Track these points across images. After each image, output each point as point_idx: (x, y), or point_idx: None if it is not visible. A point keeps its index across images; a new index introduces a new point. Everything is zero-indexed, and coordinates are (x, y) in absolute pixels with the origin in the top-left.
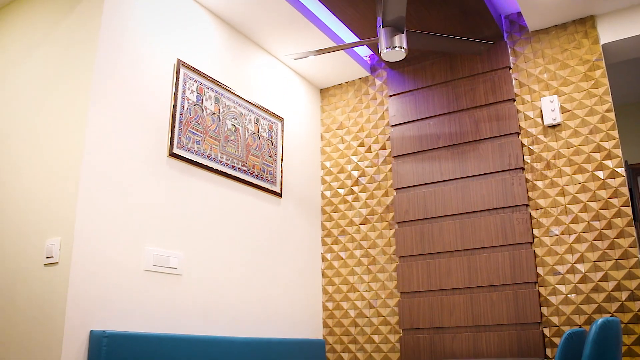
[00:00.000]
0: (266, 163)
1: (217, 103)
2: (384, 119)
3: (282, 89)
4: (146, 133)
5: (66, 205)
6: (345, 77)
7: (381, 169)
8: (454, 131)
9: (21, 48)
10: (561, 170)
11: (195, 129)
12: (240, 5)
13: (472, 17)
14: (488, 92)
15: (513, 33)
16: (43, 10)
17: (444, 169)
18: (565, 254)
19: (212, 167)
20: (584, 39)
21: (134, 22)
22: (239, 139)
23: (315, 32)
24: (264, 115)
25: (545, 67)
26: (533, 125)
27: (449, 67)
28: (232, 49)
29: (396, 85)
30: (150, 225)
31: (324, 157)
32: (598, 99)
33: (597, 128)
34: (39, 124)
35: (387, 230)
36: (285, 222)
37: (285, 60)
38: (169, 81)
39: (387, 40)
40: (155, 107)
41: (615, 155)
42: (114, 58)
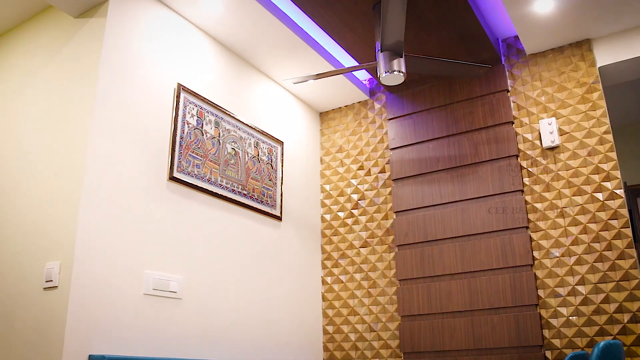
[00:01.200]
0: (266, 186)
1: (217, 127)
2: (384, 142)
3: (282, 113)
4: (146, 157)
5: (66, 229)
6: (344, 100)
7: (381, 192)
8: (453, 154)
9: (23, 72)
10: (560, 192)
11: (196, 153)
12: (240, 30)
13: (470, 41)
14: (487, 115)
15: (510, 56)
16: (45, 36)
17: (443, 191)
18: (566, 276)
19: (212, 191)
20: (580, 61)
21: (136, 46)
22: (238, 162)
23: (315, 56)
24: (263, 139)
25: (543, 89)
26: (531, 148)
27: (447, 90)
28: (232, 73)
29: (395, 109)
30: (150, 249)
31: (323, 180)
32: (596, 121)
33: (595, 150)
34: (40, 147)
35: (387, 253)
36: (285, 245)
37: (284, 84)
38: (170, 105)
39: (385, 64)
40: (156, 131)
41: (614, 177)
42: (115, 82)
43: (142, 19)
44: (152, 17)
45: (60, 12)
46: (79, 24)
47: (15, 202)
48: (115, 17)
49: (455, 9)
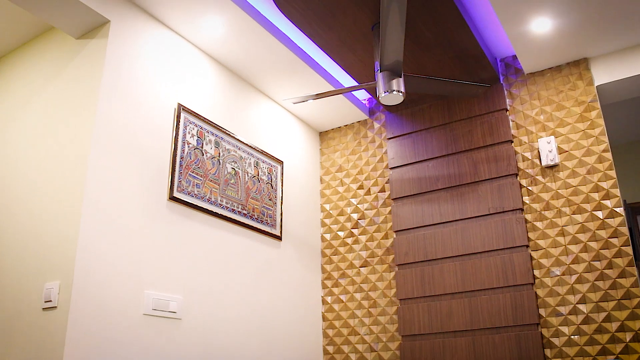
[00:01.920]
0: (266, 206)
1: (217, 147)
2: (383, 162)
3: (282, 133)
4: (146, 177)
5: (66, 249)
6: (344, 120)
7: (381, 212)
8: (452, 173)
9: (24, 92)
10: (560, 210)
11: (196, 173)
12: (240, 50)
13: (468, 61)
14: (486, 134)
15: (509, 75)
16: (47, 56)
17: (443, 210)
18: (567, 295)
19: (212, 211)
20: (578, 80)
21: (137, 67)
22: (238, 182)
23: (314, 76)
24: (263, 159)
25: (541, 108)
26: (531, 166)
27: (446, 109)
28: (232, 94)
29: (395, 128)
30: (150, 269)
31: (323, 199)
32: (594, 140)
33: (594, 168)
34: (40, 167)
35: (387, 272)
36: (285, 265)
37: (284, 104)
38: (170, 125)
39: (385, 84)
40: (156, 151)
41: (614, 195)
42: (116, 102)
43: (143, 39)
44: (153, 38)
45: (62, 33)
46: (81, 44)
47: (15, 222)
48: (116, 38)
49: (454, 29)
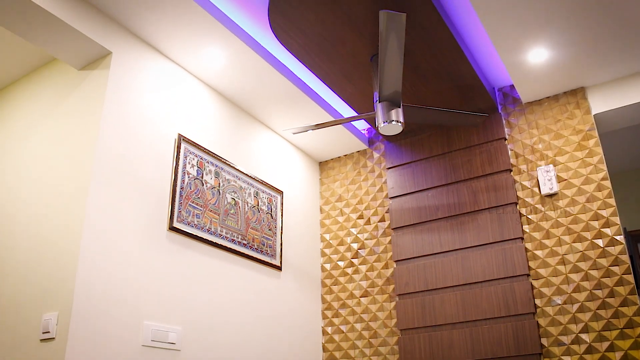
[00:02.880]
0: (266, 236)
1: (217, 177)
2: (383, 191)
3: (282, 163)
4: (146, 207)
5: (65, 279)
6: (343, 150)
7: (380, 241)
8: (452, 202)
9: (26, 122)
10: (560, 239)
11: (196, 203)
12: (240, 81)
13: (466, 91)
14: (485, 163)
15: (507, 105)
16: (49, 87)
17: (443, 240)
18: (569, 324)
19: (212, 241)
20: (575, 109)
21: (138, 97)
22: (238, 212)
23: (314, 106)
24: (263, 189)
25: (539, 137)
26: (530, 195)
27: (445, 139)
28: (232, 124)
29: (394, 158)
30: (149, 300)
31: (323, 229)
32: (593, 168)
33: (594, 196)
34: (40, 196)
35: (387, 302)
36: (285, 295)
37: (284, 134)
38: (170, 156)
39: (384, 114)
40: (156, 181)
41: (614, 223)
42: (117, 133)
43: (145, 70)
44: (155, 69)
45: (64, 64)
46: (82, 75)
47: (14, 251)
48: (118, 69)
49: (452, 60)
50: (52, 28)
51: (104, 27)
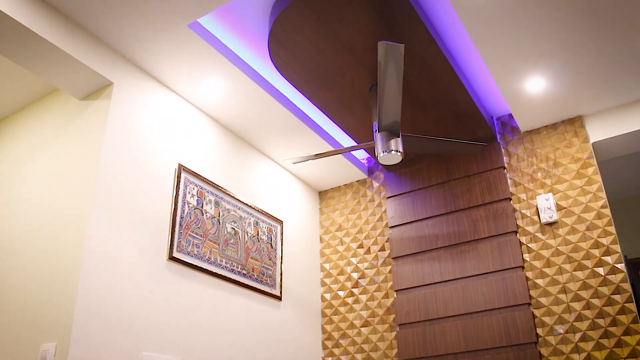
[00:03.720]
0: (265, 266)
1: (217, 207)
2: (383, 221)
3: (281, 192)
4: (146, 236)
5: (63, 310)
6: (343, 179)
7: (381, 271)
8: (452, 231)
9: (27, 152)
10: (561, 267)
11: (195, 233)
12: (240, 111)
13: (465, 120)
14: (484, 192)
15: (505, 134)
16: (50, 117)
17: (443, 269)
18: (572, 354)
19: (212, 271)
20: (574, 138)
21: (138, 127)
22: (238, 242)
23: (313, 136)
24: (263, 219)
25: (538, 166)
26: (530, 224)
27: (444, 168)
28: (232, 154)
29: (394, 187)
30: (148, 330)
31: (323, 259)
32: (592, 196)
33: (593, 224)
34: (40, 226)
35: (388, 332)
36: (285, 325)
37: (284, 163)
38: (170, 185)
39: (383, 144)
40: (156, 211)
41: (614, 251)
42: (117, 162)
43: (145, 100)
44: (155, 99)
45: (65, 95)
46: (84, 105)
47: (12, 281)
48: (119, 99)
49: (450, 89)
50: (54, 58)
51: (106, 58)
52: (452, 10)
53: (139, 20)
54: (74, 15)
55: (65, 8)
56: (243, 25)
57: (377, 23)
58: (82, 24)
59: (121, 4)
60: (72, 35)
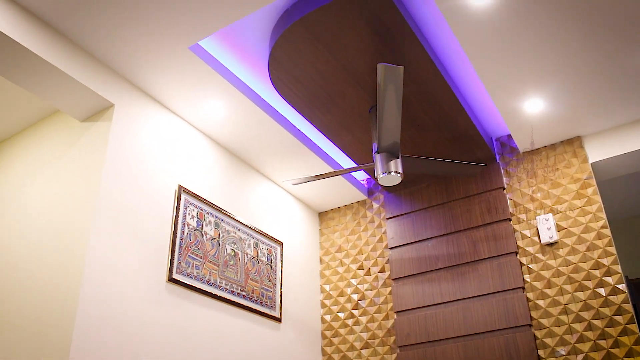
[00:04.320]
0: (265, 287)
1: (217, 228)
2: (383, 242)
3: (281, 213)
4: (146, 258)
5: (62, 330)
6: (343, 200)
7: (381, 292)
8: (452, 252)
9: (28, 173)
10: (562, 288)
11: (195, 254)
12: (240, 132)
13: (464, 141)
14: (484, 213)
15: (505, 154)
16: (51, 138)
17: (444, 290)
18: None
19: (211, 293)
20: (573, 158)
21: (139, 149)
22: (238, 263)
23: (313, 157)
24: (263, 240)
25: (538, 186)
26: (530, 244)
27: (444, 189)
28: (232, 175)
29: (393, 208)
30: (147, 352)
31: (323, 280)
32: (592, 216)
33: (594, 245)
34: (39, 247)
35: (388, 354)
36: (285, 347)
37: (284, 185)
38: (170, 207)
39: (383, 165)
40: (156, 232)
41: (615, 272)
42: (118, 183)
43: (146, 122)
44: (156, 120)
45: (66, 116)
46: (85, 127)
47: (11, 301)
48: (120, 121)
49: (449, 111)
50: (55, 80)
51: (107, 79)
52: (450, 32)
53: (140, 42)
54: (75, 37)
55: (66, 30)
56: (243, 47)
57: (377, 45)
58: (83, 46)
59: (122, 26)
60: (73, 56)
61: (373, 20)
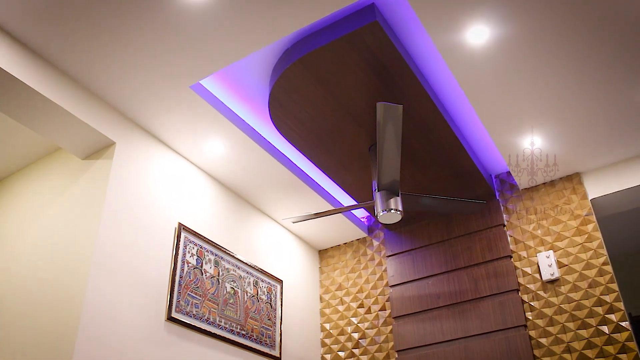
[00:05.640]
0: (265, 326)
1: (216, 266)
2: (383, 280)
3: (281, 251)
4: (145, 296)
5: None
6: (343, 238)
7: (382, 331)
8: (453, 290)
9: (29, 210)
10: (564, 326)
11: (195, 292)
12: (240, 170)
13: (464, 178)
14: (485, 250)
15: (504, 191)
16: (52, 176)
17: (445, 328)
18: None
19: (211, 332)
20: (572, 194)
21: (139, 187)
22: (237, 302)
23: (313, 195)
24: (263, 278)
25: (538, 223)
26: (532, 281)
27: (444, 226)
28: (232, 213)
29: (394, 246)
30: None
31: (323, 319)
32: (593, 253)
33: (595, 282)
34: (39, 284)
35: None
36: None
37: (284, 222)
38: (170, 244)
39: (382, 203)
40: (155, 271)
41: (618, 309)
42: (118, 221)
43: (147, 160)
44: (156, 158)
45: (68, 154)
46: (86, 165)
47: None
48: (120, 159)
49: (448, 148)
50: (57, 118)
51: (108, 118)
52: (448, 70)
53: (141, 81)
54: (77, 75)
55: (68, 68)
56: (244, 86)
57: (376, 84)
58: (85, 84)
59: (124, 65)
60: (75, 94)
61: (372, 60)
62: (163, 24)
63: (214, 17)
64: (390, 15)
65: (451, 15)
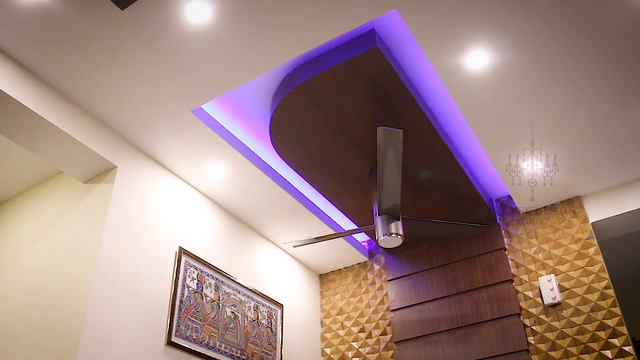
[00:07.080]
0: (265, 351)
1: (217, 290)
2: (384, 304)
3: (282, 276)
4: (145, 321)
5: None
6: (343, 262)
7: (383, 355)
8: (454, 314)
9: (30, 234)
10: (567, 350)
11: (195, 317)
12: (241, 194)
13: (465, 202)
14: (486, 274)
15: (505, 215)
16: (53, 199)
17: (447, 353)
18: None
19: (211, 356)
20: (573, 218)
21: (140, 210)
22: (238, 326)
23: (314, 219)
24: (263, 302)
25: (539, 246)
26: (533, 305)
27: (445, 250)
28: (232, 237)
29: (395, 270)
30: None
31: (324, 343)
32: (595, 276)
33: (598, 305)
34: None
35: None
36: None
37: (284, 247)
38: (170, 269)
39: (383, 227)
40: (156, 295)
41: (621, 333)
42: (118, 245)
43: (148, 184)
44: (157, 182)
45: (69, 178)
46: (87, 189)
47: None
48: (122, 183)
49: (449, 173)
50: (59, 141)
51: (110, 142)
52: (448, 94)
53: (143, 105)
54: (79, 98)
55: (70, 91)
56: (245, 111)
57: (376, 109)
58: (87, 108)
59: (126, 90)
60: (77, 118)
61: (372, 85)
62: (165, 49)
63: (215, 42)
64: (391, 41)
65: (451, 41)
